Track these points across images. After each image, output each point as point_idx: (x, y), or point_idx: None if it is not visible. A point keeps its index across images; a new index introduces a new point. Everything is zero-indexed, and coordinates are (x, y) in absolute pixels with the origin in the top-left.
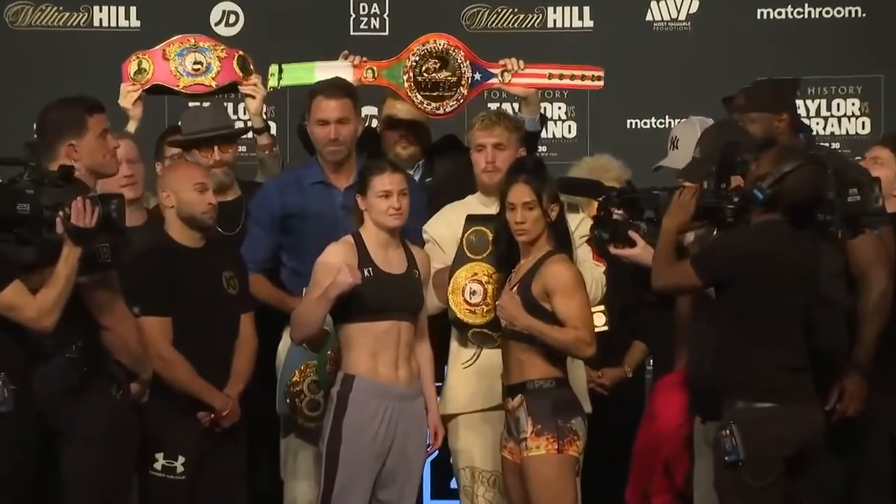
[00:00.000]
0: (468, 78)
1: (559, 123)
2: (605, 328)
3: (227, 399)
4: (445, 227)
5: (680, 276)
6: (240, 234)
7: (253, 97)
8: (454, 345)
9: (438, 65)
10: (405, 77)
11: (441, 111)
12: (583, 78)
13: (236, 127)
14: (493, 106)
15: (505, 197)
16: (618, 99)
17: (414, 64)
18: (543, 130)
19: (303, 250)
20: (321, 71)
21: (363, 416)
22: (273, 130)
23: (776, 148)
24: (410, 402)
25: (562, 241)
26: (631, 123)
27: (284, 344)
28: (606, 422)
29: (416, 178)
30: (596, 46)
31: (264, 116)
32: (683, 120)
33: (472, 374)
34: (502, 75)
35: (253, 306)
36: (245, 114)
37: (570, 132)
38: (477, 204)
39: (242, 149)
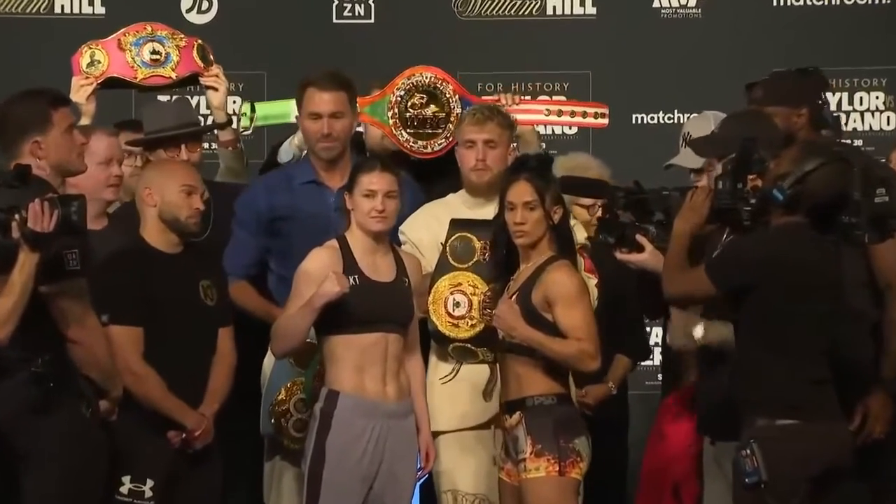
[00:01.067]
0: (458, 114)
1: None
2: None
3: (200, 418)
4: (425, 229)
5: (693, 284)
6: (207, 240)
7: (215, 89)
8: (432, 359)
9: (425, 100)
10: (390, 114)
11: (429, 150)
12: (584, 115)
13: (205, 123)
14: None
15: (504, 196)
16: (622, 92)
17: (399, 99)
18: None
19: (292, 255)
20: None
21: (348, 436)
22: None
23: (798, 144)
24: (400, 421)
25: (565, 246)
26: (636, 119)
27: (270, 359)
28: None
29: None
30: (599, 35)
31: (227, 111)
32: (696, 115)
33: (451, 390)
34: None
35: (232, 320)
36: (206, 107)
37: (570, 128)
38: (459, 205)
39: (205, 145)
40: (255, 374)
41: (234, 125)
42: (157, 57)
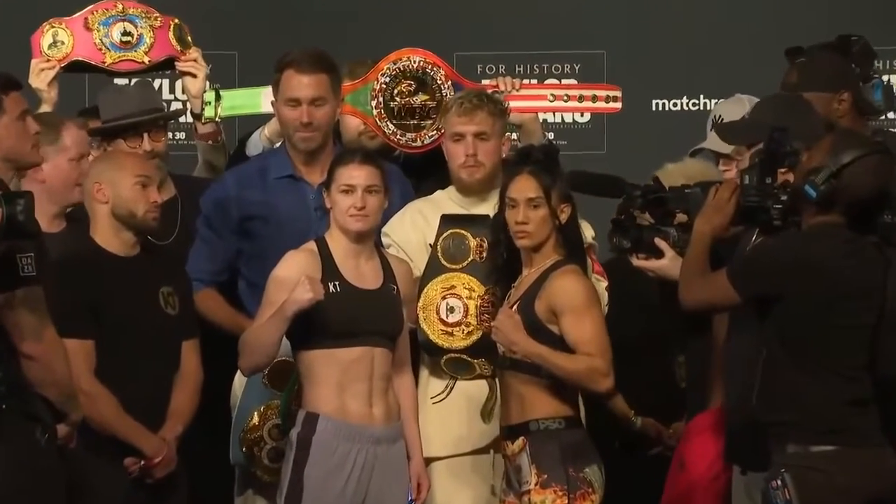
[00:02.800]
0: None
1: None
2: None
3: (160, 443)
4: (412, 228)
5: (713, 291)
6: (175, 242)
7: (193, 75)
8: (423, 374)
9: (414, 87)
10: (373, 103)
11: (418, 143)
12: (594, 99)
13: (170, 109)
14: None
15: (504, 191)
16: (640, 75)
17: (384, 87)
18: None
19: (265, 259)
20: (268, 99)
21: (329, 464)
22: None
23: (832, 135)
24: (388, 447)
25: (573, 249)
26: (657, 105)
27: (241, 378)
28: None
29: None
30: (613, 10)
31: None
32: (729, 98)
33: (445, 410)
34: None
35: (197, 331)
36: (183, 94)
37: (581, 115)
38: (448, 202)
39: (180, 136)
40: (225, 395)
41: (200, 112)
42: (129, 39)
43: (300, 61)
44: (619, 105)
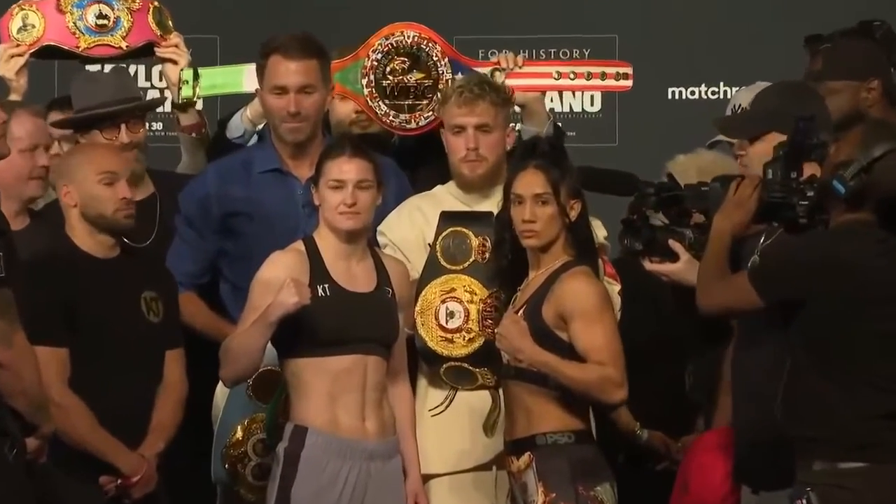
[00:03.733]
0: (447, 80)
1: (578, 94)
2: None
3: (139, 461)
4: (409, 226)
5: (734, 294)
6: (154, 244)
7: (174, 62)
8: (421, 384)
9: (408, 64)
10: (364, 81)
11: (413, 125)
12: (603, 76)
13: (148, 98)
14: None
15: (510, 187)
16: (656, 60)
17: (375, 64)
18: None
19: (249, 260)
20: (251, 77)
21: (319, 482)
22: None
23: (861, 126)
24: (383, 463)
25: (584, 250)
26: (673, 93)
27: (223, 389)
28: None
29: None
30: None
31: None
32: (750, 86)
33: (444, 423)
34: (493, 76)
35: (182, 341)
36: (162, 82)
37: (591, 104)
38: (448, 198)
39: (157, 126)
40: (206, 407)
41: (183, 97)
42: (105, 22)
43: (287, 46)
44: (629, 83)
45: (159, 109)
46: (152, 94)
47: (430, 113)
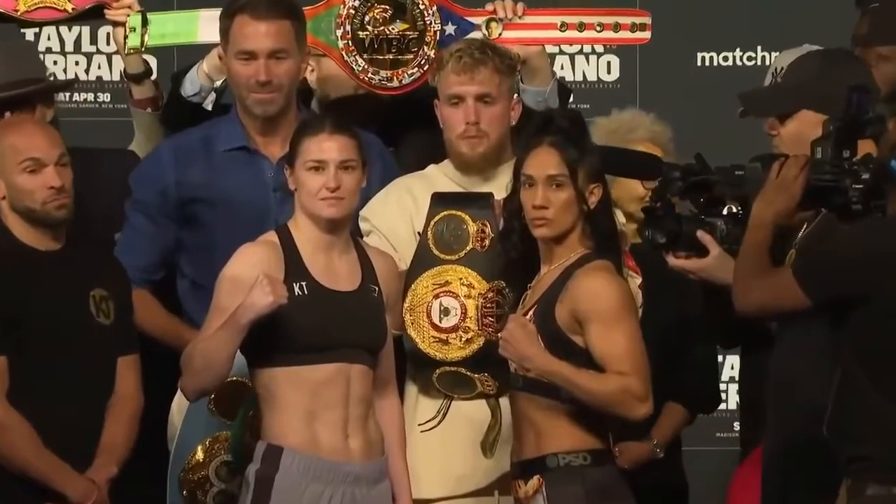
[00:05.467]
0: (436, 32)
1: (593, 60)
2: None
3: (89, 485)
4: (397, 212)
5: (777, 292)
6: (69, 244)
7: (126, 34)
8: (410, 393)
9: (390, 13)
10: (339, 32)
11: (395, 83)
12: (616, 28)
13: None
14: None
15: (520, 168)
16: (683, 22)
17: (352, 12)
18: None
19: (212, 254)
20: (208, 25)
21: None
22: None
23: None
24: (369, 488)
25: (604, 241)
26: (703, 59)
27: (181, 402)
28: None
29: None
30: None
31: (143, 58)
32: (795, 49)
33: (438, 440)
34: (489, 27)
35: (136, 346)
36: (110, 45)
37: (609, 72)
38: (443, 179)
39: (104, 98)
40: (163, 424)
41: (129, 47)
42: None
43: (256, 4)
44: (647, 35)
45: (107, 78)
46: (98, 61)
47: (416, 70)
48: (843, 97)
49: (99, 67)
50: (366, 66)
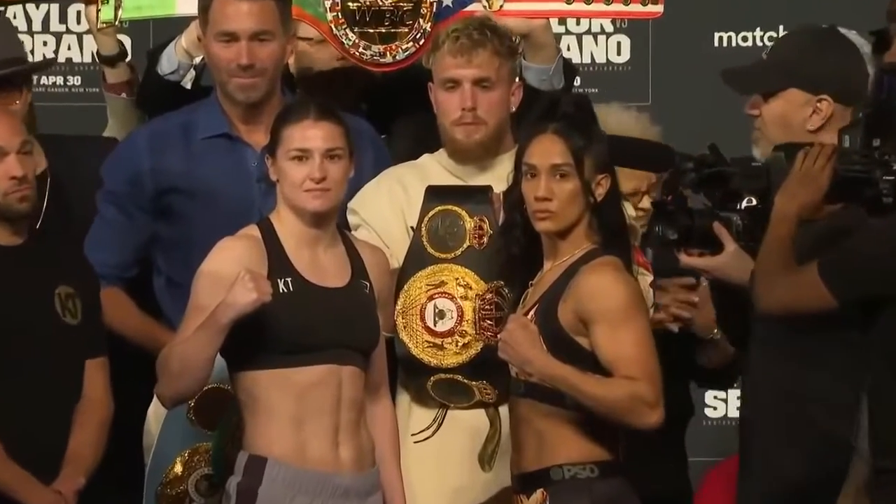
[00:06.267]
0: (432, 3)
1: (602, 40)
2: None
3: (55, 498)
4: (389, 204)
5: (801, 291)
6: (42, 231)
7: (97, 3)
8: (403, 402)
9: None
10: (328, 4)
11: (389, 59)
12: (626, 1)
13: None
14: None
15: (521, 156)
16: (698, 0)
17: None
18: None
19: (191, 248)
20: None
21: None
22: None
23: None
24: (360, 501)
25: (612, 236)
26: (721, 39)
27: (158, 410)
28: None
29: None
30: None
31: (117, 38)
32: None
33: (432, 451)
34: (489, 0)
35: (105, 348)
36: (81, 24)
37: (619, 54)
38: (438, 169)
39: (74, 81)
40: (137, 432)
41: (102, 21)
42: None
43: None
44: (660, 7)
45: (78, 60)
46: (69, 41)
47: (410, 44)
48: (874, 80)
49: (69, 48)
50: (357, 41)
